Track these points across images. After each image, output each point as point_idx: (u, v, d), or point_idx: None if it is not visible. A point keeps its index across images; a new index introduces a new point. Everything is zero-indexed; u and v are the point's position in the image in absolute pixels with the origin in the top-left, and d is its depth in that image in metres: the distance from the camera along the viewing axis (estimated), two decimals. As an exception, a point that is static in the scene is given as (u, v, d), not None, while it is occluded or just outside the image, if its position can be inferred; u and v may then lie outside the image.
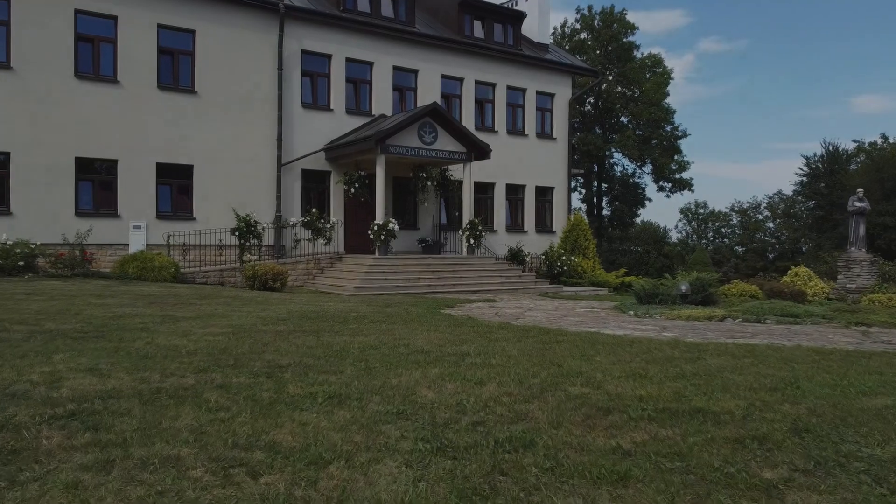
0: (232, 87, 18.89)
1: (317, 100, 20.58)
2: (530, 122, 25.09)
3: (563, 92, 25.96)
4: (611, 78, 44.38)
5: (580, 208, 44.28)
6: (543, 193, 25.73)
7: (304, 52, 20.07)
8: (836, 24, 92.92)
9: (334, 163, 20.52)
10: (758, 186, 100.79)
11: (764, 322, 10.61)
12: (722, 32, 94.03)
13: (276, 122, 19.41)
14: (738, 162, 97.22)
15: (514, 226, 24.97)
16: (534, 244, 24.16)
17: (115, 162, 17.44)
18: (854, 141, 46.54)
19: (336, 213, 20.51)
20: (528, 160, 24.86)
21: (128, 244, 17.29)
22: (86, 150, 17.05)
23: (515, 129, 24.82)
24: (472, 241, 20.30)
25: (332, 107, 20.66)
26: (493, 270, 19.98)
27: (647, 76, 45.24)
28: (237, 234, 17.51)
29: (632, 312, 11.39)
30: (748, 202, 60.85)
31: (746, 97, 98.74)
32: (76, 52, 16.96)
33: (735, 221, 62.46)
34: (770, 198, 56.72)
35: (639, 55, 45.79)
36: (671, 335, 8.86)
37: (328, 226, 18.87)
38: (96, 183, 17.42)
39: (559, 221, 25.84)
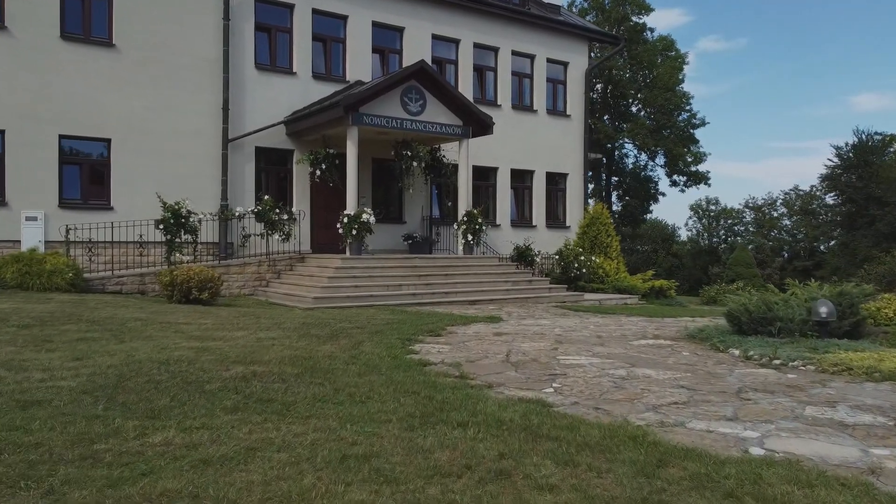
0: (162, 40, 14.74)
1: (275, 61, 16.42)
2: (540, 95, 20.93)
3: (578, 61, 21.81)
4: (621, 61, 40.36)
5: (589, 203, 40.33)
6: (555, 181, 21.60)
7: (258, -1, 15.94)
8: (835, 23, 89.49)
9: (298, 139, 16.38)
10: (756, 185, 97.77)
11: None
12: (721, 31, 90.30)
13: (221, 86, 15.28)
14: (736, 160, 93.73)
15: (521, 219, 20.83)
16: (544, 241, 20.00)
17: (0, 133, 13.31)
18: (878, 133, 42.31)
19: (301, 202, 16.38)
20: (538, 141, 20.72)
21: (20, 241, 13.19)
22: (-41, 117, 12.94)
23: (522, 104, 20.68)
24: (469, 237, 16.18)
25: (294, 70, 16.50)
26: (496, 274, 15.88)
27: (659, 60, 41.43)
28: (162, 227, 13.36)
29: (737, 351, 7.03)
30: (763, 198, 57.06)
31: (745, 96, 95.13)
32: (-54, -12, 12.87)
33: (749, 218, 58.54)
34: (786, 193, 52.95)
35: (651, 37, 41.96)
36: None
37: (285, 217, 14.72)
38: (-25, 160, 13.28)
39: (574, 214, 21.73)
